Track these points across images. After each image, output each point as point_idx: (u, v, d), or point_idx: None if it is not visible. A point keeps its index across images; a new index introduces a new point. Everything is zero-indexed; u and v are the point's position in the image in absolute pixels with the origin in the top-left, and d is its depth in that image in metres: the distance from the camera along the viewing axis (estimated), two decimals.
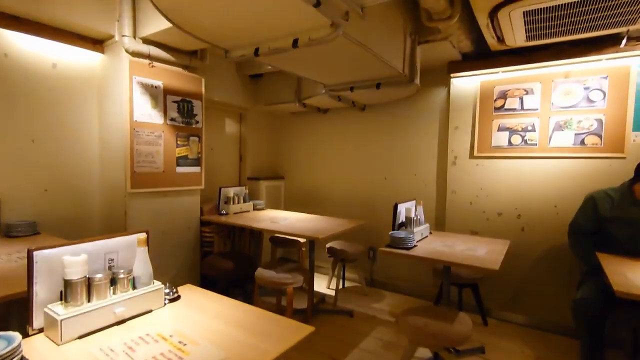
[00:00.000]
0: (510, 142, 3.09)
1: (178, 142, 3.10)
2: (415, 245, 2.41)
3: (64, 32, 2.65)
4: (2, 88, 2.44)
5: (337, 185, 4.35)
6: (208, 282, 3.18)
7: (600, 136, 2.74)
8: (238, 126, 4.46)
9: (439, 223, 3.58)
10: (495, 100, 3.15)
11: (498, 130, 3.14)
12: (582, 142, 2.80)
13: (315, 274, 3.70)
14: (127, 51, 2.69)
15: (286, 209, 4.73)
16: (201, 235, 3.40)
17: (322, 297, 3.62)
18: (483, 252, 2.27)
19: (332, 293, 3.68)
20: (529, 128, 3.01)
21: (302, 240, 3.60)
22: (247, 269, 3.17)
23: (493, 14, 2.20)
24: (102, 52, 2.91)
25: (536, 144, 2.98)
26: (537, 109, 2.98)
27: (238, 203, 3.67)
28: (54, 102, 2.72)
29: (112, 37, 2.77)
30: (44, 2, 2.37)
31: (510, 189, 3.14)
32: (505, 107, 3.11)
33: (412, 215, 2.56)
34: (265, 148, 4.77)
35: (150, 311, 1.30)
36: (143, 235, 1.35)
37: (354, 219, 3.43)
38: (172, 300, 1.41)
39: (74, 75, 2.83)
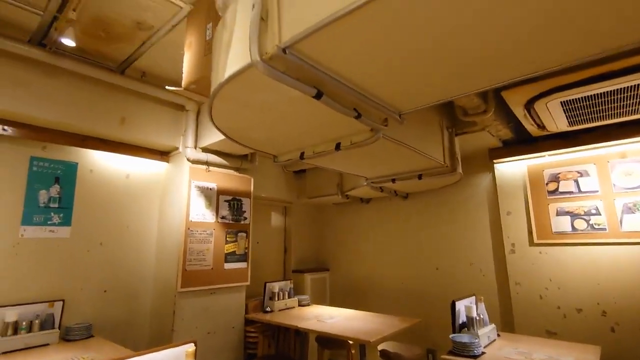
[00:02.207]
0: (574, 227, 2.84)
1: (227, 239, 3.22)
2: (483, 353, 2.10)
3: (139, 148, 3.09)
4: (86, 198, 2.80)
5: (384, 276, 4.12)
6: None
7: None
8: (283, 219, 4.59)
9: (507, 321, 3.15)
10: (547, 183, 3.01)
11: (557, 215, 2.93)
12: None
13: None
14: (188, 160, 3.04)
15: (332, 302, 4.49)
16: (245, 334, 3.27)
17: None
18: None
19: None
20: (593, 211, 2.77)
21: (351, 341, 3.31)
22: None
23: (529, 105, 2.25)
24: (167, 161, 3.31)
25: (605, 229, 2.70)
26: (597, 191, 2.78)
27: (283, 299, 3.56)
28: (123, 208, 3.04)
29: (176, 148, 3.18)
30: (127, 126, 2.84)
31: (586, 280, 2.76)
32: (560, 190, 2.94)
33: (474, 314, 2.30)
34: (309, 239, 4.78)
35: None
36: (191, 348, 1.32)
37: (407, 317, 3.14)
38: None
39: (143, 183, 3.20)
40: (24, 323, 2.20)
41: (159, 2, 2.04)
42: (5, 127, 2.40)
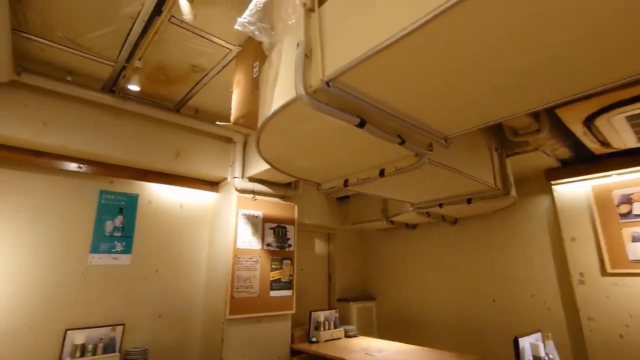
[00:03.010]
0: None
1: (272, 266, 3.25)
2: None
3: (192, 179, 3.30)
4: (145, 228, 3.02)
5: (435, 307, 3.88)
6: None
7: None
8: (327, 245, 4.57)
9: None
10: (618, 205, 2.72)
11: (633, 241, 2.61)
12: None
13: None
14: (236, 189, 3.17)
15: (379, 334, 4.29)
16: None
17: None
18: None
19: None
20: None
21: None
22: None
23: (589, 122, 2.09)
24: (217, 191, 3.49)
25: None
26: None
27: (329, 329, 3.47)
28: (177, 236, 3.22)
29: (225, 179, 3.34)
30: (181, 160, 3.06)
31: None
32: (634, 212, 2.64)
33: (542, 354, 2.06)
34: (354, 266, 4.68)
35: None
36: None
37: (463, 354, 2.90)
38: None
39: (194, 212, 3.38)
40: (90, 346, 2.36)
41: (212, 47, 2.24)
42: (81, 165, 2.70)
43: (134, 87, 2.58)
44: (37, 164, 2.55)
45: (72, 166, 2.68)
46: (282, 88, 1.46)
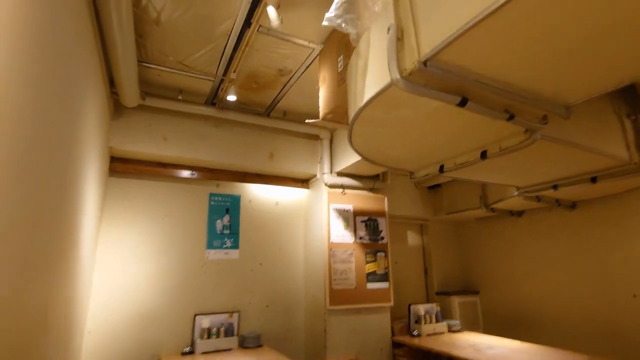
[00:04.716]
0: None
1: (367, 259, 3.26)
2: None
3: (284, 178, 3.50)
4: (247, 225, 3.31)
5: (552, 303, 3.42)
6: None
7: None
8: (420, 237, 4.40)
9: None
10: None
11: None
12: None
13: None
14: (325, 184, 3.26)
15: (486, 330, 3.97)
16: (393, 358, 3.18)
17: None
18: None
19: None
20: None
21: None
22: None
23: None
24: (308, 187, 3.63)
25: None
26: None
27: (430, 323, 3.34)
28: (275, 232, 3.45)
29: (314, 175, 3.46)
30: (274, 160, 3.26)
31: None
32: None
33: None
34: (452, 259, 4.42)
35: None
36: None
37: (598, 357, 2.50)
38: None
39: (289, 209, 3.58)
40: (214, 329, 2.69)
41: (296, 49, 2.33)
42: (194, 172, 3.08)
43: (231, 98, 2.84)
44: (162, 173, 2.99)
45: (186, 173, 3.08)
46: (373, 76, 1.44)
